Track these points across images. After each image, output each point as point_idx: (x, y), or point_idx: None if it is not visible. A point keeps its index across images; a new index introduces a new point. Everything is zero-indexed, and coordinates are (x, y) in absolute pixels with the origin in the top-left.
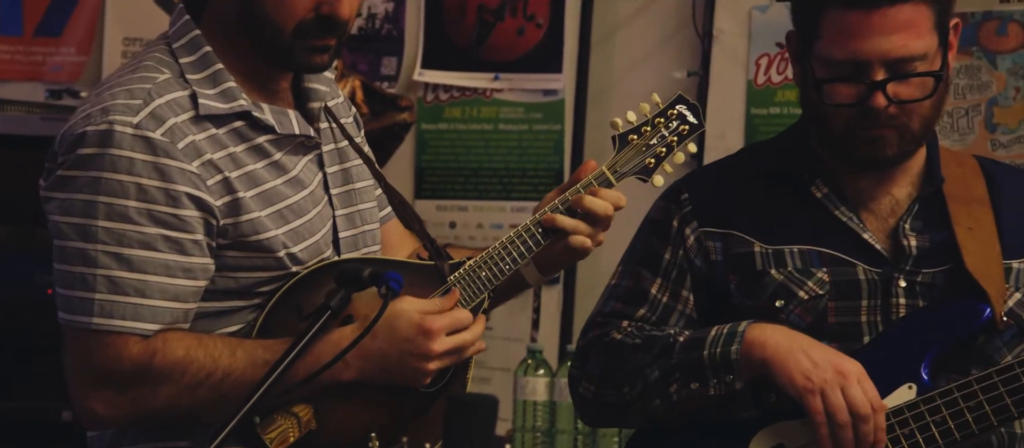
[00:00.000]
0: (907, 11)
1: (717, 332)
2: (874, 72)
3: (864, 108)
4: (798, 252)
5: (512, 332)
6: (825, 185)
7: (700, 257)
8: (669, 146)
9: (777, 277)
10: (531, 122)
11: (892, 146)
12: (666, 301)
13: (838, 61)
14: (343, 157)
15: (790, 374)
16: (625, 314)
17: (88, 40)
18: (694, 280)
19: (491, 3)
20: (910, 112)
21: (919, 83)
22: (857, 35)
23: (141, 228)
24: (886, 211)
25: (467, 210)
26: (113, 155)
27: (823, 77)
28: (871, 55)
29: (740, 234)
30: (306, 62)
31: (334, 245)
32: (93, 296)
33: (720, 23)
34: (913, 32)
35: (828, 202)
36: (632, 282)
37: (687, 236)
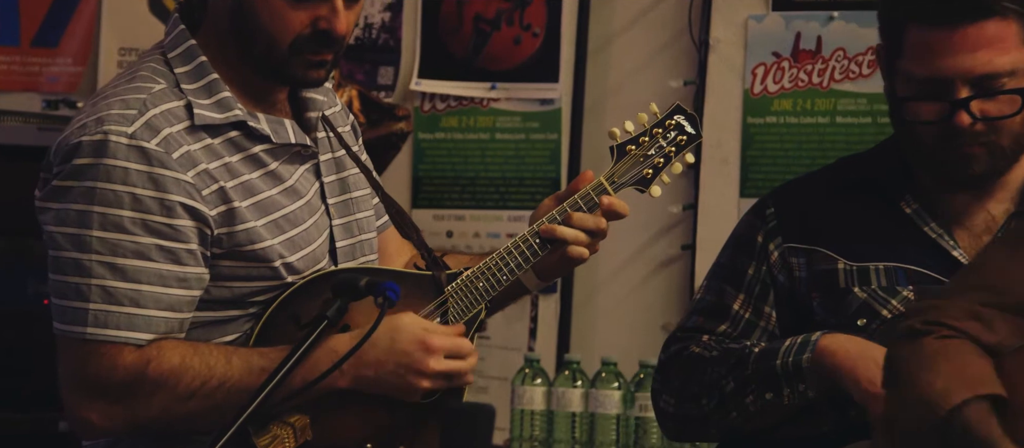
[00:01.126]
0: (992, 27)
1: (791, 342)
2: (957, 90)
3: (949, 127)
4: (883, 269)
5: (509, 341)
6: (916, 201)
7: (784, 273)
8: (667, 156)
9: (861, 295)
10: (528, 131)
11: (981, 163)
12: (748, 317)
13: (920, 78)
14: (340, 166)
15: (857, 380)
16: (706, 328)
17: (84, 50)
18: (777, 296)
19: (488, 13)
20: (999, 129)
21: (1007, 99)
22: (938, 53)
23: (135, 238)
24: (981, 228)
25: (464, 219)
26: (108, 165)
27: (905, 94)
28: (953, 73)
29: (825, 250)
30: (302, 77)
31: (331, 254)
32: (87, 306)
33: (716, 32)
34: (999, 48)
35: (917, 218)
36: (715, 297)
37: (771, 252)
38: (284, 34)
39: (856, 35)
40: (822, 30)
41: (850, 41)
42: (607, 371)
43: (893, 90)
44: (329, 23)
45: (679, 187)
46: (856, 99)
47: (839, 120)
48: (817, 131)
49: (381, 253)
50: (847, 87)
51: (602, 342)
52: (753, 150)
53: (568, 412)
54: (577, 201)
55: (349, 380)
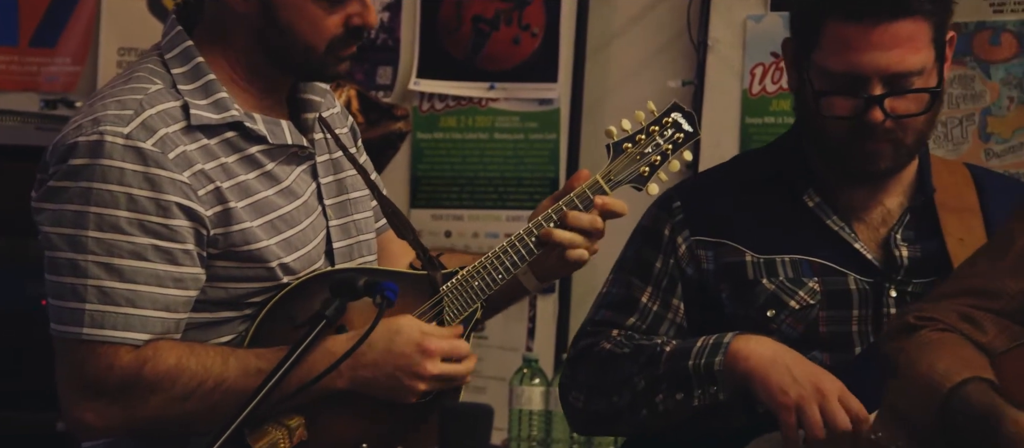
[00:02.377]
0: (907, 26)
1: (703, 343)
2: (872, 86)
3: (861, 122)
4: (789, 261)
5: (508, 341)
6: (817, 194)
7: (692, 266)
8: (664, 154)
9: (769, 287)
10: (527, 131)
11: (887, 159)
12: (656, 310)
13: (836, 73)
14: (338, 168)
15: (769, 387)
16: (615, 323)
17: (83, 50)
18: (685, 289)
19: (487, 13)
20: (905, 126)
21: (915, 98)
22: (856, 49)
23: (132, 238)
24: (878, 221)
25: (463, 219)
26: (104, 166)
27: (821, 89)
28: (869, 69)
29: (732, 243)
30: (335, 72)
31: (328, 256)
32: (83, 306)
33: (715, 33)
34: (911, 47)
35: (820, 211)
36: (623, 290)
37: (679, 245)
38: (322, 39)
39: None
40: None
41: None
42: None
43: (803, 84)
44: (362, 18)
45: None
46: None
47: None
48: None
49: (383, 254)
50: None
51: None
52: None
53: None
54: (573, 200)
55: (346, 381)
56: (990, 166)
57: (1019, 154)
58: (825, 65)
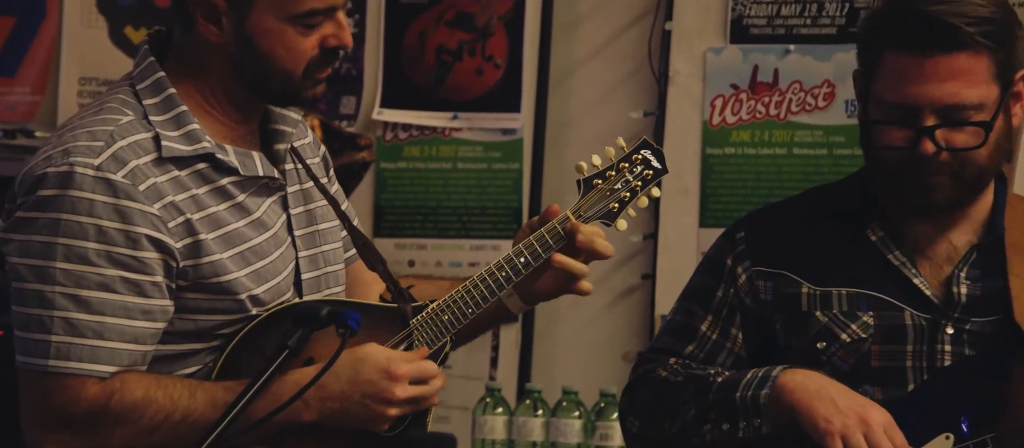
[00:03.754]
0: (964, 59)
1: (752, 375)
2: (924, 118)
3: (913, 153)
4: (846, 295)
5: (470, 370)
6: (881, 229)
7: (750, 296)
8: (633, 191)
9: (821, 319)
10: (490, 161)
11: (944, 192)
12: (715, 338)
13: (890, 104)
14: (308, 198)
15: (814, 418)
16: (674, 350)
17: (43, 80)
18: (744, 318)
19: (450, 43)
20: (963, 160)
21: (972, 131)
22: (910, 80)
23: (100, 270)
24: (942, 258)
25: (426, 248)
26: (73, 197)
27: (876, 118)
28: (921, 101)
29: (790, 275)
30: (311, 95)
31: (296, 286)
32: (49, 338)
33: (676, 64)
34: (968, 81)
35: (882, 246)
36: (684, 318)
37: (739, 275)
38: (300, 63)
39: (812, 68)
40: (779, 63)
41: (806, 74)
42: (568, 400)
43: (866, 114)
44: (338, 39)
45: (639, 217)
46: (812, 131)
47: (796, 151)
48: (775, 162)
49: (354, 284)
50: (804, 119)
51: (563, 371)
52: (712, 180)
53: (529, 441)
54: (544, 235)
55: (315, 413)
56: None
57: None
58: (881, 95)
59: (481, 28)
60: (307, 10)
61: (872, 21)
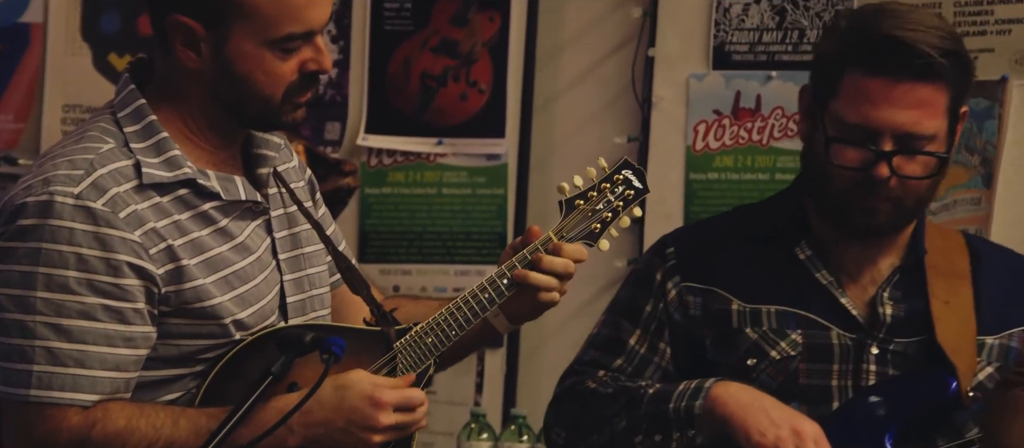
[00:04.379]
0: (928, 90)
1: (685, 387)
2: (883, 142)
3: (866, 175)
4: (775, 312)
5: (455, 396)
6: (810, 248)
7: (679, 311)
8: (615, 211)
9: (751, 336)
10: (474, 186)
11: (884, 216)
12: (643, 352)
13: (850, 124)
14: (292, 222)
15: (747, 430)
16: (602, 363)
17: (27, 107)
18: (672, 333)
19: (434, 69)
20: (908, 188)
21: (924, 162)
22: (874, 102)
23: (81, 298)
24: (867, 279)
25: (411, 274)
26: (53, 226)
27: (833, 135)
28: (884, 125)
29: (720, 291)
30: (291, 120)
31: (281, 310)
32: (31, 368)
33: (659, 90)
34: (928, 111)
35: (810, 264)
36: (612, 331)
37: (669, 289)
38: (278, 87)
39: (794, 94)
40: (761, 89)
41: (788, 100)
42: None
43: (814, 131)
44: (317, 63)
45: (624, 242)
46: (795, 156)
47: (778, 176)
48: (757, 187)
49: (340, 308)
50: (786, 144)
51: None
52: (696, 206)
53: None
54: (525, 257)
55: (299, 439)
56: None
57: (953, 212)
58: (841, 114)
59: (465, 54)
60: (285, 35)
61: (837, 39)
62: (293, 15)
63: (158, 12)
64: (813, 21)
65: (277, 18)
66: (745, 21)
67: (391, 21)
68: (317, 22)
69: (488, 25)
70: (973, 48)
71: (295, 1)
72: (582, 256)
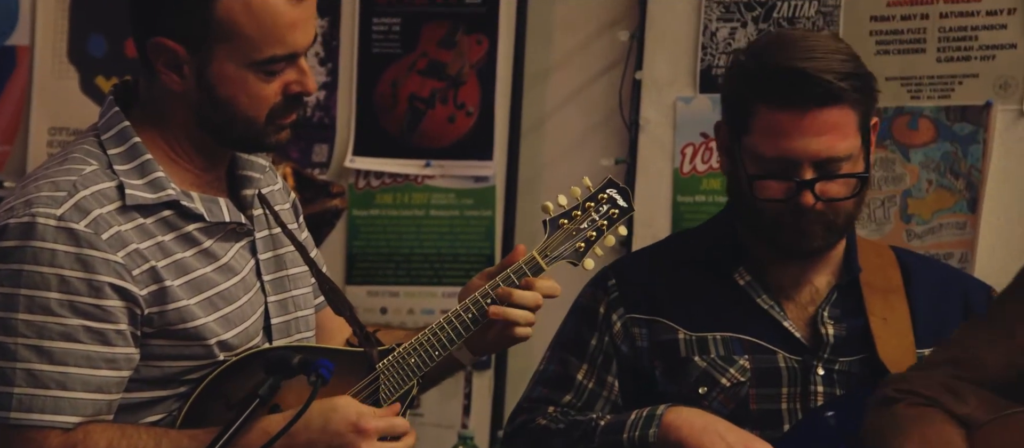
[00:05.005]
0: (835, 114)
1: (636, 416)
2: (803, 171)
3: (793, 204)
4: (721, 339)
5: (443, 418)
6: (748, 272)
7: (626, 343)
8: (599, 230)
9: (701, 364)
10: (462, 208)
11: (818, 239)
12: (592, 387)
13: (768, 158)
14: (277, 243)
15: None
16: (551, 400)
17: (13, 130)
18: (620, 366)
19: (422, 92)
20: (836, 209)
21: (845, 182)
22: (787, 135)
23: (62, 320)
24: (806, 299)
25: (399, 296)
26: (35, 247)
27: (753, 172)
28: (801, 155)
29: (665, 321)
30: (274, 142)
31: (266, 331)
32: (12, 390)
33: (646, 113)
34: (840, 134)
35: (751, 289)
36: (559, 367)
37: (614, 322)
38: (262, 109)
39: None
40: None
41: None
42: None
43: (735, 166)
44: (301, 85)
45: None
46: None
47: None
48: None
49: (322, 330)
50: None
51: None
52: (684, 228)
53: None
54: (510, 276)
55: None
56: (912, 247)
57: (939, 235)
58: (757, 150)
59: (453, 77)
60: (268, 57)
61: (741, 77)
62: (276, 38)
63: (141, 35)
64: None
65: (260, 41)
66: (731, 44)
67: (379, 43)
68: (300, 45)
69: (476, 48)
70: (958, 73)
71: (278, 24)
72: (555, 292)
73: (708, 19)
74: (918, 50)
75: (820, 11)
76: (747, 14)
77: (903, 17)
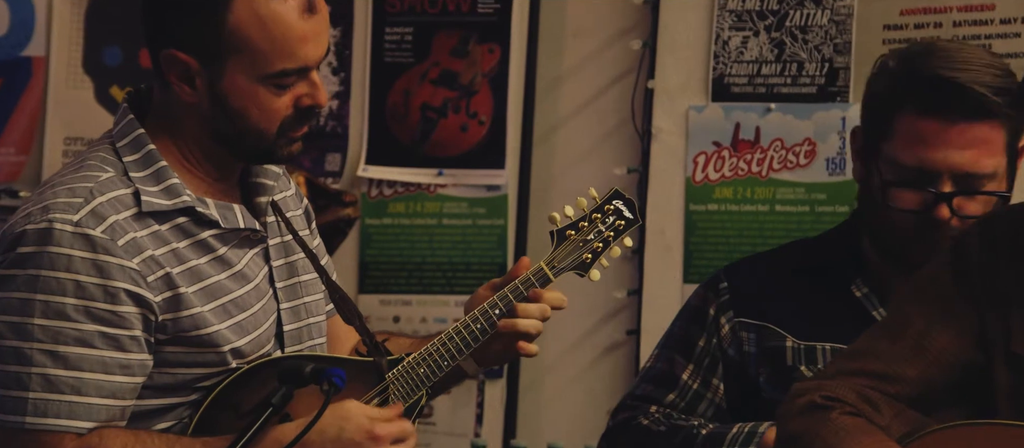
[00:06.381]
0: (984, 129)
1: (739, 429)
2: (942, 183)
3: (927, 217)
4: (830, 350)
5: (455, 427)
6: (866, 285)
7: (733, 347)
8: (606, 241)
9: (807, 374)
10: (474, 217)
11: None
12: (696, 388)
13: (907, 166)
14: (289, 250)
15: None
16: (655, 398)
17: (28, 140)
18: (726, 369)
19: (434, 101)
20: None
21: (985, 200)
22: (931, 144)
23: (78, 325)
24: None
25: (411, 304)
26: (51, 253)
27: (889, 179)
28: (942, 166)
29: (774, 327)
30: (288, 153)
31: (278, 338)
32: (27, 395)
33: (658, 122)
34: (986, 150)
35: (867, 302)
36: (665, 366)
37: (722, 325)
38: (273, 122)
39: (792, 126)
40: (760, 121)
41: (787, 132)
42: None
43: (869, 174)
44: (312, 98)
45: (623, 273)
46: (794, 188)
47: (778, 208)
48: (757, 219)
49: (329, 338)
50: (785, 176)
51: (548, 427)
52: (696, 237)
53: None
54: (518, 287)
55: None
56: None
57: None
58: (896, 157)
59: (465, 86)
60: (279, 71)
61: (888, 81)
62: (287, 52)
63: (154, 47)
64: (812, 54)
65: (271, 55)
66: (744, 53)
67: (391, 53)
68: (312, 58)
69: (488, 57)
70: None
71: (289, 38)
72: (562, 303)
73: (720, 28)
74: None
75: (833, 20)
76: (759, 23)
77: (916, 26)
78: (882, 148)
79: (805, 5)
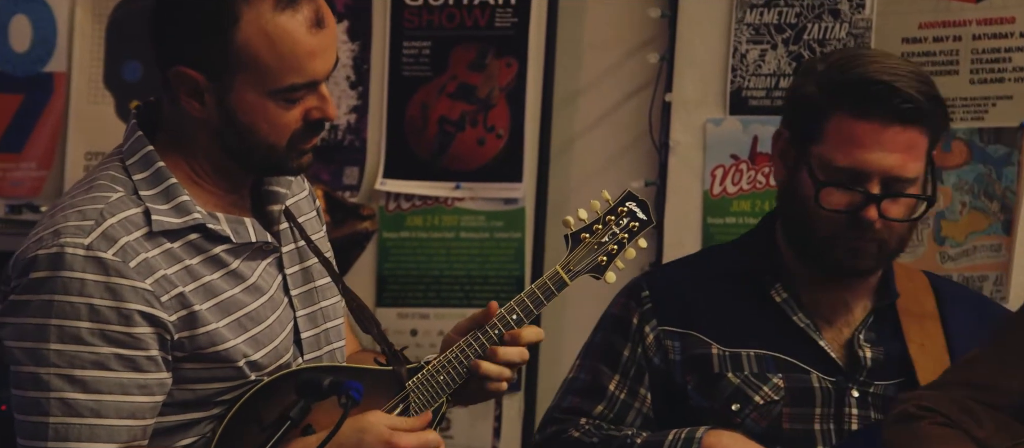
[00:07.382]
0: (913, 134)
1: (675, 436)
2: (871, 185)
3: (855, 218)
4: (755, 356)
5: (473, 440)
6: (785, 290)
7: (659, 355)
8: (620, 243)
9: (734, 381)
10: (492, 230)
11: (869, 259)
12: (624, 398)
13: (840, 167)
14: (304, 256)
15: None
16: (583, 410)
17: (49, 155)
18: (652, 378)
19: (452, 114)
20: (892, 230)
21: (908, 204)
22: (865, 146)
23: (94, 348)
24: (841, 321)
25: (429, 317)
26: (64, 277)
27: (821, 180)
28: (874, 168)
29: (699, 335)
30: (296, 166)
31: (297, 345)
32: (47, 420)
33: (676, 135)
34: (912, 154)
35: (787, 307)
36: (590, 377)
37: (647, 334)
38: (283, 135)
39: None
40: None
41: None
42: None
43: (793, 175)
44: (321, 111)
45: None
46: None
47: None
48: None
49: None
50: None
51: None
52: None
53: None
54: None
55: None
56: (946, 269)
57: (972, 258)
58: (828, 158)
59: (483, 99)
60: (288, 85)
61: (817, 84)
62: (295, 67)
63: (163, 63)
64: None
65: (279, 70)
66: (762, 67)
67: (409, 67)
68: (320, 73)
69: (505, 71)
70: (991, 95)
71: (297, 53)
72: (539, 337)
73: (738, 41)
74: (951, 72)
75: (851, 33)
76: (777, 36)
77: (935, 39)
78: (811, 150)
79: (823, 18)
